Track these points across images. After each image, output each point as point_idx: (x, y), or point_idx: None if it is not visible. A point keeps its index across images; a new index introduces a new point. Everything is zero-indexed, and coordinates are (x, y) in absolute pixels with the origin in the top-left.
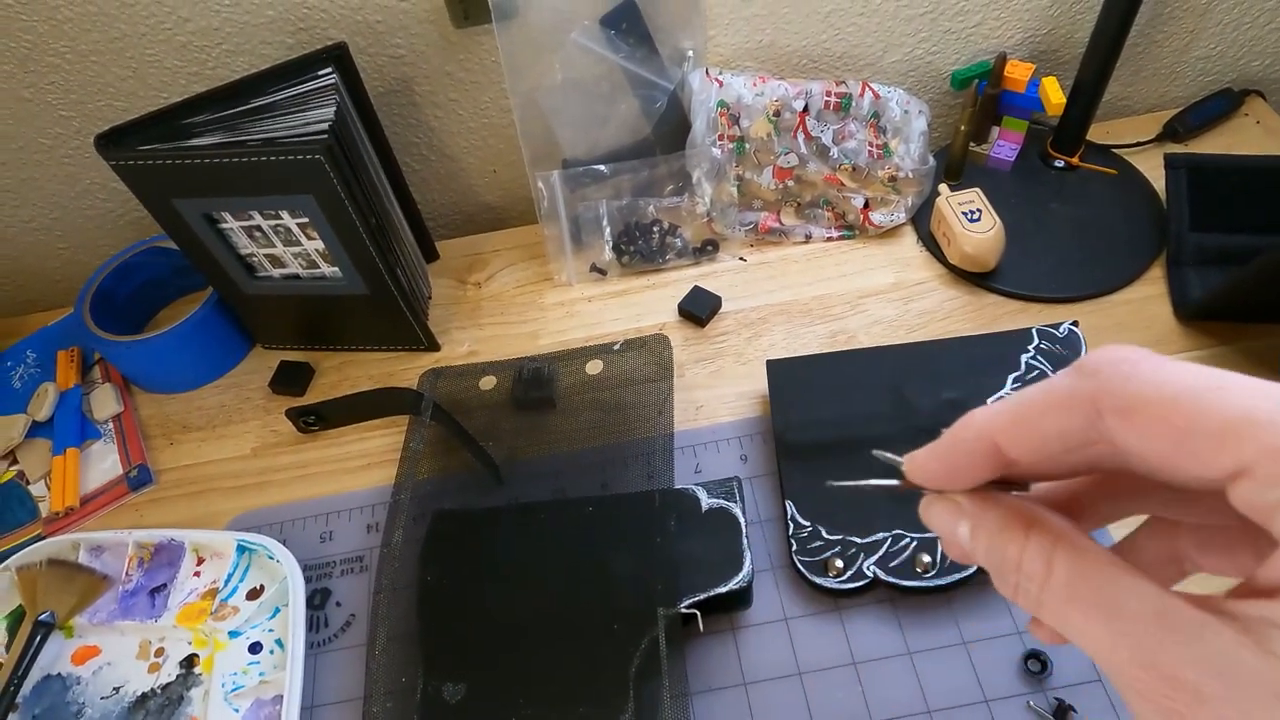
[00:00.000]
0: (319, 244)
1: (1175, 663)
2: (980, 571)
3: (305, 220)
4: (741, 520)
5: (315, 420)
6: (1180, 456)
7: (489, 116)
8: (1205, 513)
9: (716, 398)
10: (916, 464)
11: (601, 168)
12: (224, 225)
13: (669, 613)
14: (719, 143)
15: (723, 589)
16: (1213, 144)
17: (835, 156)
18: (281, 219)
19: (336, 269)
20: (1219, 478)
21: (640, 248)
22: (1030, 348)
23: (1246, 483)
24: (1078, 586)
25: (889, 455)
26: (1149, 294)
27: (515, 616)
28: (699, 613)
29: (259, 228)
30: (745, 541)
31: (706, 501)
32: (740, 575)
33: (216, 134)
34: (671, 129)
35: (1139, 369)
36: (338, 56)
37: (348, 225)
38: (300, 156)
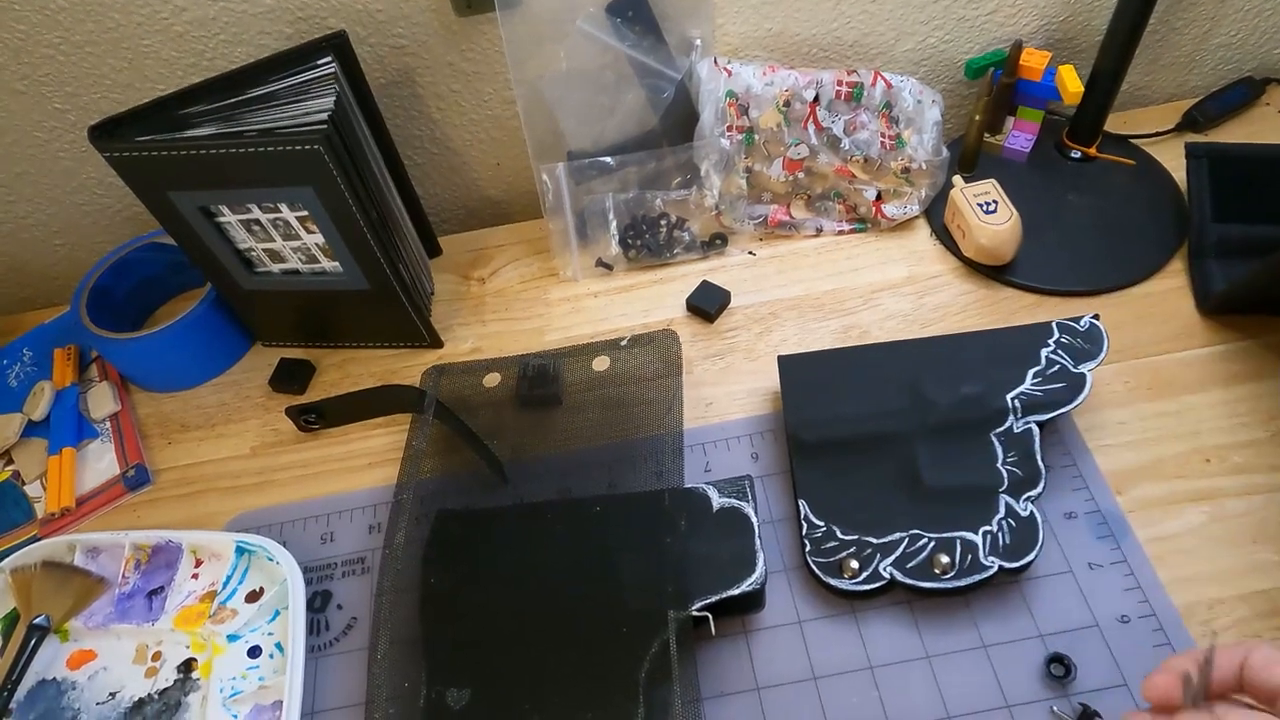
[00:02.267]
0: (319, 238)
1: None
2: (1000, 572)
3: (305, 214)
4: (754, 520)
5: (316, 419)
6: None
7: (492, 108)
8: None
9: (726, 394)
10: None
11: (607, 160)
12: (221, 219)
13: (680, 615)
14: (727, 134)
15: (735, 591)
16: (1233, 133)
17: (847, 147)
18: (280, 212)
19: (337, 264)
20: None
21: (647, 241)
22: (1050, 341)
23: None
24: None
25: None
26: (1170, 287)
27: (521, 619)
28: (711, 615)
29: (257, 221)
30: (758, 542)
31: (717, 501)
32: (753, 577)
33: (213, 125)
34: (679, 120)
35: None
36: (337, 45)
37: (348, 218)
38: (299, 147)
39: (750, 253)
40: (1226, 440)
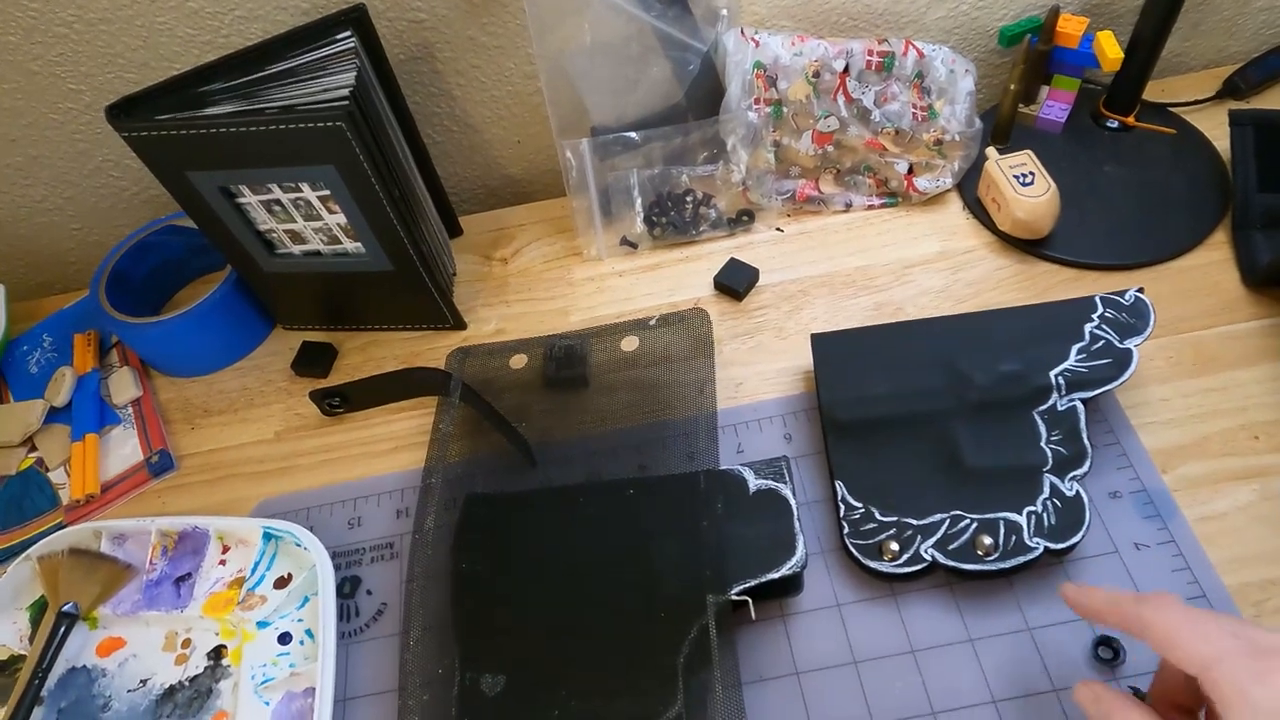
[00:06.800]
0: (341, 218)
1: None
2: (1045, 554)
3: (326, 193)
4: (792, 502)
5: (340, 402)
6: None
7: (513, 83)
8: None
9: (757, 374)
10: None
11: (632, 135)
12: (242, 200)
13: (719, 600)
14: (755, 107)
15: (775, 575)
16: (1276, 100)
17: (877, 119)
18: (302, 192)
19: (359, 244)
20: None
21: (673, 219)
22: (1094, 316)
23: None
24: None
25: None
26: (1213, 259)
27: (555, 605)
28: (750, 599)
29: (278, 202)
30: (797, 525)
31: (754, 483)
32: (793, 560)
33: (232, 102)
34: (705, 93)
35: None
36: (356, 19)
37: (370, 197)
38: (321, 124)
39: (778, 229)
40: (1276, 416)
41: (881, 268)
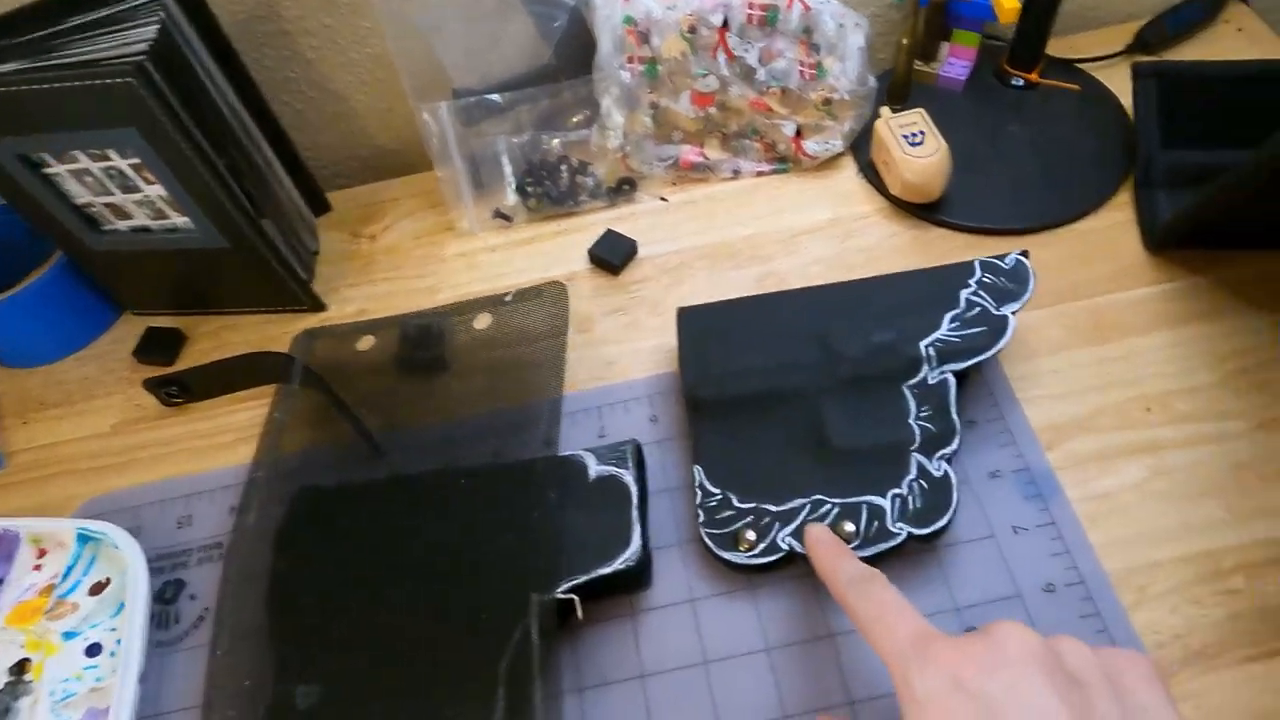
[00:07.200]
0: (160, 189)
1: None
2: (910, 540)
3: (137, 161)
4: (633, 490)
5: (179, 391)
6: None
7: (371, 45)
8: None
9: (630, 353)
10: None
11: (494, 98)
12: (49, 170)
13: (544, 599)
14: (628, 65)
15: (607, 570)
16: (1190, 54)
17: (762, 78)
18: (111, 160)
19: (187, 219)
20: None
21: (548, 189)
22: (971, 282)
23: None
24: None
25: None
26: (1116, 221)
27: (378, 606)
28: (578, 598)
29: (89, 172)
30: (635, 514)
31: (595, 469)
32: (627, 554)
33: (22, 59)
34: (577, 51)
35: None
36: None
37: (186, 166)
38: (109, 81)
39: (662, 198)
40: (1171, 386)
41: (769, 236)
